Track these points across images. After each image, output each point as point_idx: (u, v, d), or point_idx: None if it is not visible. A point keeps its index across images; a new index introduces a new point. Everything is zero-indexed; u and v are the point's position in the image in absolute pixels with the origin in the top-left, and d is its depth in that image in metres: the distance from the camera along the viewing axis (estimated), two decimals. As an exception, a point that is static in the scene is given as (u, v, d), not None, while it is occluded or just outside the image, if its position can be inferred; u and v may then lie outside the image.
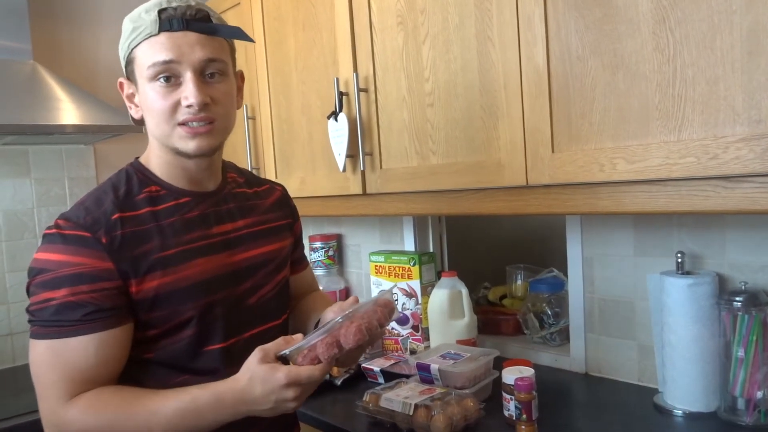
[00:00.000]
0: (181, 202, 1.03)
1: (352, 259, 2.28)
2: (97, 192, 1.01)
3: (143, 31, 0.96)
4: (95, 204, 0.98)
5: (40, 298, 0.92)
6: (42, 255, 0.94)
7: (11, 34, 1.95)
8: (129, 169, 1.05)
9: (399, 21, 1.46)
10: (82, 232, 0.93)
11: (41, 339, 0.93)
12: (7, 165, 2.11)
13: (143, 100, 0.99)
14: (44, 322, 0.92)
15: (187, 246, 1.00)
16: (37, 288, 0.93)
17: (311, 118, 1.78)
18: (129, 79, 1.02)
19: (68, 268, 0.91)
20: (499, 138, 1.26)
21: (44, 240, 0.95)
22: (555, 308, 1.70)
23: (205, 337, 1.01)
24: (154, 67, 0.95)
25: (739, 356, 1.18)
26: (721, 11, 0.93)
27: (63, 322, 0.91)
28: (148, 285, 0.96)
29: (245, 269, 1.07)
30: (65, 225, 0.94)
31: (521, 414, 1.22)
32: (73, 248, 0.92)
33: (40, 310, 0.92)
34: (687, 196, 0.99)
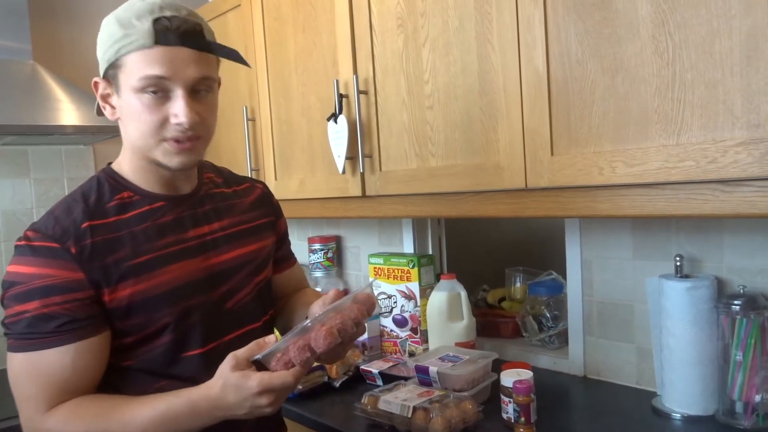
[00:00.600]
0: (154, 207, 1.01)
1: (351, 261, 2.28)
2: (67, 200, 1.00)
3: (136, 41, 0.91)
4: (65, 213, 0.96)
5: (13, 311, 0.92)
6: (13, 267, 0.93)
7: (11, 34, 1.95)
8: (100, 175, 1.03)
9: (399, 23, 1.46)
10: (51, 243, 0.92)
11: (17, 352, 0.92)
12: (7, 165, 2.11)
13: (126, 107, 0.96)
14: (19, 335, 0.92)
15: (160, 252, 0.99)
16: (9, 301, 0.92)
17: (311, 120, 1.78)
18: (107, 80, 0.98)
19: (39, 281, 0.91)
20: (498, 141, 1.26)
21: (15, 252, 0.95)
22: (554, 311, 1.70)
23: (182, 344, 1.00)
24: (146, 80, 0.92)
25: (738, 360, 1.18)
26: (720, 15, 0.93)
27: (37, 335, 0.91)
28: (120, 293, 0.95)
29: (221, 273, 1.06)
30: (34, 236, 0.94)
31: (520, 417, 1.22)
32: (43, 260, 0.91)
33: (14, 323, 0.92)
34: (686, 200, 1.00)
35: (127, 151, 1.02)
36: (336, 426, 1.37)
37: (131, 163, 1.02)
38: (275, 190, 1.93)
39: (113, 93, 0.98)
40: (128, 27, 0.92)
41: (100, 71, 0.99)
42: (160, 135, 0.94)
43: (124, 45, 0.92)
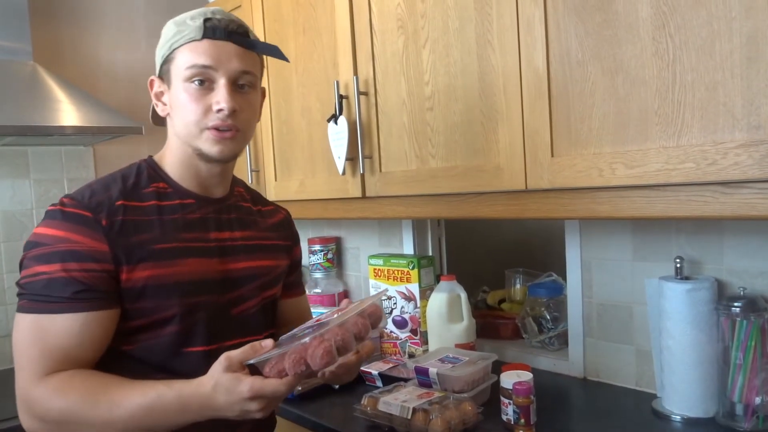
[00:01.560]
0: (185, 203, 1.06)
1: (351, 262, 2.28)
2: (107, 179, 1.04)
3: (187, 35, 1.00)
4: (102, 188, 1.00)
5: (31, 271, 0.93)
6: (40, 230, 0.95)
7: (11, 35, 1.95)
8: (141, 164, 1.08)
9: (399, 25, 1.46)
10: (84, 212, 0.95)
11: (27, 313, 0.93)
12: (7, 165, 2.11)
13: (174, 99, 1.03)
14: (32, 296, 0.93)
15: (183, 243, 1.02)
16: (30, 261, 0.94)
17: (311, 121, 1.78)
18: (161, 78, 1.05)
19: (64, 244, 0.93)
20: (498, 142, 1.26)
21: (46, 216, 0.97)
22: (554, 312, 1.70)
23: (186, 338, 1.02)
24: (192, 69, 0.99)
25: (738, 362, 1.18)
26: (720, 17, 0.93)
27: (52, 298, 0.92)
28: (138, 274, 0.97)
29: (234, 279, 1.08)
30: (68, 203, 0.97)
31: (519, 418, 1.22)
32: (72, 225, 0.94)
33: (30, 283, 0.93)
34: (686, 202, 0.99)
35: (171, 145, 1.08)
36: (335, 427, 1.36)
37: (173, 157, 1.07)
38: (275, 191, 1.94)
39: (165, 90, 1.05)
40: (182, 25, 1.02)
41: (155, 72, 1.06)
42: (203, 123, 1.00)
43: (177, 40, 1.01)
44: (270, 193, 1.97)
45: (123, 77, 2.36)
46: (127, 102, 2.34)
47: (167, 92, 1.05)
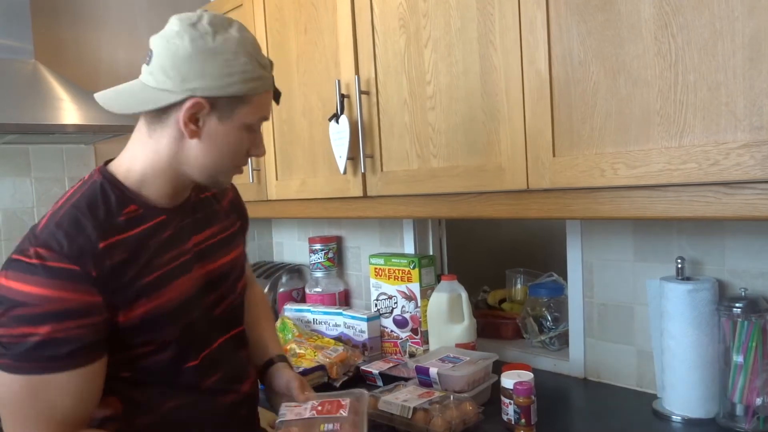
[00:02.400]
0: (158, 222, 1.00)
1: (351, 262, 2.28)
2: (71, 212, 0.93)
3: (264, 84, 0.97)
4: (75, 228, 0.91)
5: (16, 331, 0.85)
6: (19, 285, 0.85)
7: (13, 33, 1.95)
8: (102, 182, 0.98)
9: (401, 24, 1.46)
10: (70, 265, 0.87)
11: (16, 374, 0.86)
12: (8, 164, 2.11)
13: (220, 136, 0.96)
14: (19, 357, 0.85)
15: (166, 268, 0.98)
16: (13, 321, 0.85)
17: (312, 120, 1.78)
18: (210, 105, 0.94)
19: (54, 304, 0.85)
20: (500, 142, 1.26)
21: (17, 267, 0.87)
22: (554, 313, 1.70)
23: (182, 358, 1.01)
24: (260, 120, 0.99)
25: (739, 362, 1.18)
26: (723, 17, 0.93)
27: (44, 358, 0.86)
28: (133, 313, 0.93)
29: (212, 281, 1.07)
30: (48, 255, 0.87)
31: (520, 418, 1.22)
32: (59, 282, 0.86)
33: (16, 344, 0.85)
34: (687, 202, 0.99)
35: (154, 161, 0.98)
36: (336, 427, 1.36)
37: (148, 174, 0.99)
38: (276, 190, 1.94)
39: (209, 118, 0.95)
40: (264, 68, 0.96)
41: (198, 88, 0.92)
42: (236, 162, 1.01)
43: (259, 85, 0.96)
44: (271, 191, 1.97)
45: (124, 76, 2.33)
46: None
47: (210, 121, 0.95)
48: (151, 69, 0.94)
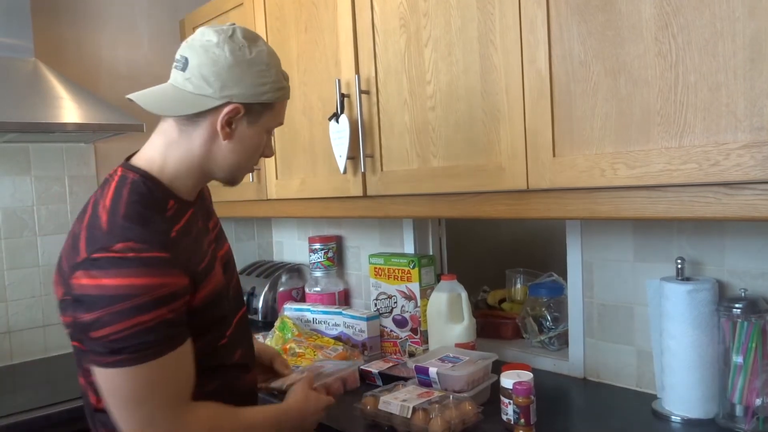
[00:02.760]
0: (190, 215, 1.08)
1: (351, 261, 2.28)
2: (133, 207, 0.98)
3: (286, 93, 1.10)
4: (145, 221, 0.97)
5: (128, 323, 0.89)
6: (116, 280, 0.90)
7: (13, 32, 1.95)
8: (143, 180, 1.03)
9: (402, 23, 1.46)
10: (161, 253, 0.94)
11: (142, 363, 0.91)
12: (8, 162, 2.11)
13: (247, 137, 1.07)
14: (141, 345, 0.91)
15: (207, 256, 1.07)
16: (120, 315, 0.89)
17: (312, 120, 1.78)
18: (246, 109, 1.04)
19: (159, 290, 0.92)
20: (500, 141, 1.26)
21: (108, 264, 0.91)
22: (554, 313, 1.70)
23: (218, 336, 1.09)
24: (279, 125, 1.13)
25: (738, 363, 1.18)
26: (723, 18, 0.93)
27: (166, 338, 0.93)
28: (199, 295, 1.01)
29: (226, 262, 1.18)
30: (139, 247, 0.92)
31: (519, 418, 1.22)
32: (157, 270, 0.92)
33: (132, 335, 0.90)
34: (688, 203, 0.99)
35: (185, 159, 1.06)
36: (335, 426, 1.36)
37: (181, 170, 1.06)
38: (276, 189, 1.94)
39: (241, 122, 1.05)
40: (285, 81, 1.10)
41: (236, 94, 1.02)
42: (253, 162, 1.12)
43: (284, 94, 1.09)
44: (271, 191, 1.97)
45: (124, 75, 2.35)
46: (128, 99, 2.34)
47: (242, 125, 1.05)
48: (187, 75, 1.02)
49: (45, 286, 2.17)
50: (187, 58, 1.03)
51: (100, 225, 0.96)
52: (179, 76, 1.03)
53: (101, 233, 0.94)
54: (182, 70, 1.03)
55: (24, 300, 2.13)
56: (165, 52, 2.44)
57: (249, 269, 2.52)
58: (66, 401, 1.65)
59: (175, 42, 2.45)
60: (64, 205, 2.21)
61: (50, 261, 2.18)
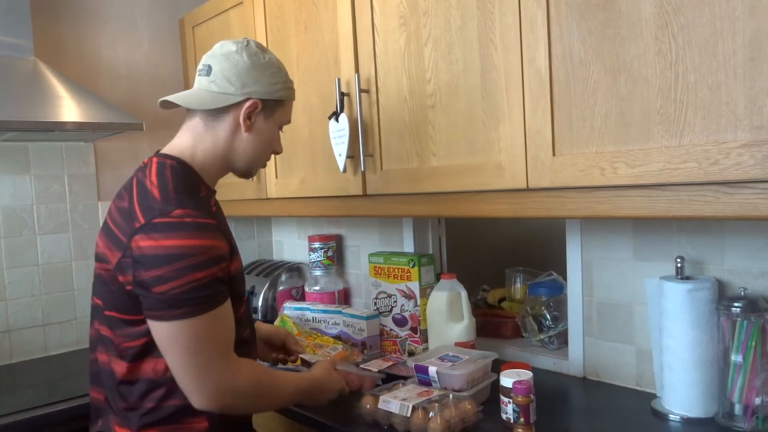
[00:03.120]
0: (214, 199, 1.26)
1: (351, 260, 2.28)
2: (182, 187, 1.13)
3: (293, 95, 1.29)
4: (192, 194, 1.13)
5: (187, 279, 1.03)
6: (175, 241, 1.03)
7: (13, 31, 1.95)
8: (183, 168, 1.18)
9: (401, 22, 1.46)
10: (210, 220, 1.09)
11: (198, 315, 1.04)
12: (7, 161, 2.11)
13: (264, 131, 1.24)
14: (198, 299, 1.04)
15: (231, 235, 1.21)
16: (180, 272, 1.02)
17: (312, 119, 1.78)
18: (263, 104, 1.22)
19: (213, 251, 1.06)
20: (500, 140, 1.26)
21: (167, 228, 1.04)
22: (554, 312, 1.70)
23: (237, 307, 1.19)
24: (288, 122, 1.31)
25: (738, 362, 1.18)
26: (723, 17, 0.93)
27: (213, 295, 1.06)
28: (233, 265, 1.15)
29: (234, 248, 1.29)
30: (196, 214, 1.07)
31: (519, 417, 1.22)
32: (209, 233, 1.07)
33: (189, 290, 1.03)
34: (687, 202, 0.99)
35: (211, 151, 1.22)
36: (334, 425, 1.36)
37: (210, 161, 1.22)
38: (276, 188, 1.94)
39: (259, 116, 1.23)
40: (289, 82, 1.27)
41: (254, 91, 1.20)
42: (267, 155, 1.30)
43: (292, 94, 1.28)
44: (270, 190, 1.97)
45: (124, 74, 2.35)
46: (127, 98, 2.34)
47: (259, 119, 1.23)
48: (212, 79, 1.19)
49: (45, 285, 2.17)
50: (210, 65, 1.20)
51: (154, 196, 1.09)
52: (204, 80, 1.20)
53: (156, 203, 1.08)
54: (207, 75, 1.20)
55: (24, 299, 2.13)
56: (165, 51, 2.44)
57: (249, 268, 2.52)
58: (65, 400, 1.66)
59: (175, 41, 2.45)
60: (63, 204, 2.21)
61: (50, 260, 2.18)
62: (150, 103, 2.36)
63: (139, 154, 2.33)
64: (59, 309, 2.20)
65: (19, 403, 1.65)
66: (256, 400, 1.16)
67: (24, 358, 2.12)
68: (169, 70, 2.46)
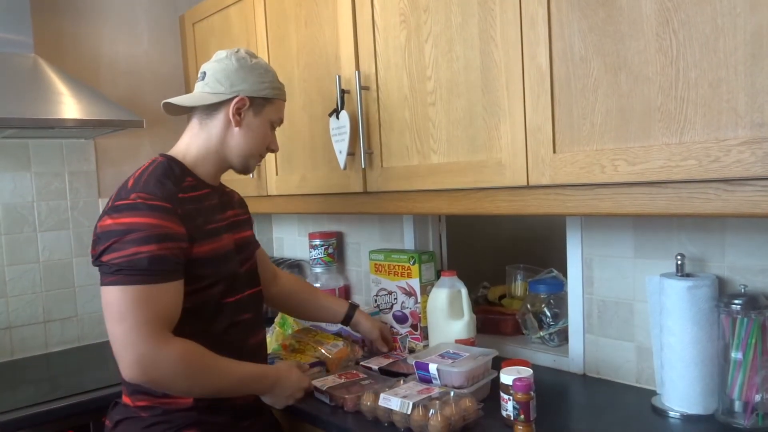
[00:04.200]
0: (206, 193, 1.35)
1: (351, 257, 2.28)
2: (153, 174, 1.25)
3: (282, 95, 1.41)
4: (159, 183, 1.23)
5: (128, 251, 1.14)
6: (127, 219, 1.16)
7: (13, 27, 1.95)
8: (169, 162, 1.31)
9: (402, 19, 1.45)
10: (165, 203, 1.20)
11: (131, 285, 1.13)
12: (8, 158, 2.11)
13: (254, 127, 1.36)
14: (134, 271, 1.13)
15: (217, 224, 1.33)
16: (126, 244, 1.14)
17: (313, 116, 1.77)
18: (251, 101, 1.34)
19: (157, 229, 1.16)
20: (500, 138, 1.26)
21: (124, 208, 1.17)
22: (554, 309, 1.70)
23: (225, 292, 1.31)
24: (280, 121, 1.42)
25: (738, 359, 1.18)
26: (725, 14, 0.92)
27: (155, 271, 1.15)
28: (202, 249, 1.25)
29: (240, 246, 1.41)
30: (148, 197, 1.19)
31: (519, 414, 1.22)
32: (159, 214, 1.18)
33: (131, 260, 1.14)
34: (687, 199, 0.99)
35: (204, 147, 1.35)
36: (335, 422, 1.37)
37: (202, 156, 1.36)
38: (276, 185, 1.94)
39: (248, 112, 1.35)
40: (277, 82, 1.39)
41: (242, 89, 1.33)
42: (261, 151, 1.41)
43: (280, 93, 1.40)
44: (271, 187, 1.97)
45: (124, 70, 2.35)
46: (128, 95, 2.33)
47: (248, 115, 1.35)
48: (206, 82, 1.34)
49: (45, 281, 2.17)
50: (205, 71, 1.35)
51: (126, 185, 1.24)
52: (200, 84, 1.36)
53: (125, 190, 1.22)
54: (202, 80, 1.35)
55: (24, 296, 2.13)
56: (165, 48, 2.44)
57: (249, 265, 2.52)
58: (66, 397, 1.66)
59: (175, 38, 2.45)
60: (64, 201, 2.21)
61: (50, 257, 2.18)
62: (150, 99, 2.36)
63: (139, 150, 2.33)
64: (60, 306, 2.20)
65: (20, 399, 1.65)
66: (184, 379, 1.19)
67: (25, 355, 2.13)
68: (170, 66, 2.46)
